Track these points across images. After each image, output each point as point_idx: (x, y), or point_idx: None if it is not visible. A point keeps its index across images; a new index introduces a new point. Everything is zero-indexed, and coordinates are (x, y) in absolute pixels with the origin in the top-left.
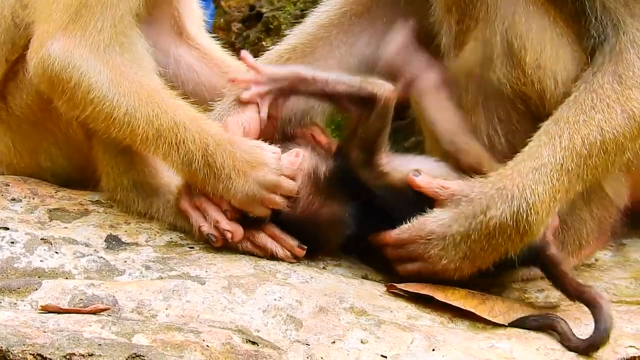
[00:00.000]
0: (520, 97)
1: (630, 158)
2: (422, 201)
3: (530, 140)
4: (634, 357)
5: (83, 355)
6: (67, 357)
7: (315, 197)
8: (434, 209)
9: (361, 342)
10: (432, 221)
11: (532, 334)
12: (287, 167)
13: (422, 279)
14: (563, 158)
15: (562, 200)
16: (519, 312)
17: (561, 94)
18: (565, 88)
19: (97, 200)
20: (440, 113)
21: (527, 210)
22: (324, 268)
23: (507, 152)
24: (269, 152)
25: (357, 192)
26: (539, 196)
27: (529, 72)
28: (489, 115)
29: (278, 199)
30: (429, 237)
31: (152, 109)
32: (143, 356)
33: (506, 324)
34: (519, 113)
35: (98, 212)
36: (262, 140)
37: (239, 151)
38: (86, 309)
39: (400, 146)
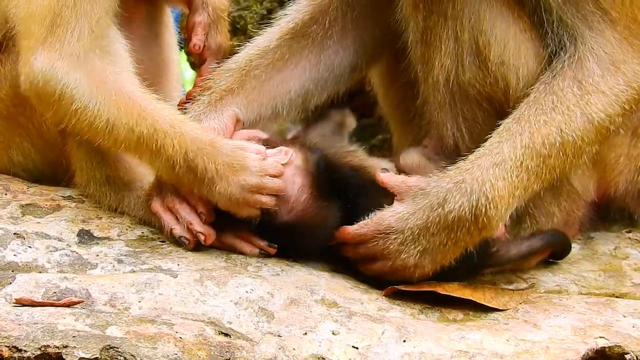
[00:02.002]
0: (486, 97)
1: (585, 162)
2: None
3: (490, 137)
4: (604, 348)
5: (57, 347)
6: (42, 349)
7: (313, 194)
8: (393, 204)
9: (332, 333)
10: (389, 215)
11: (502, 325)
12: (271, 166)
13: (385, 278)
14: (523, 156)
15: (520, 198)
16: (506, 297)
17: (523, 90)
18: (526, 84)
19: (69, 196)
20: None
21: (486, 205)
22: (294, 261)
23: (470, 150)
24: (252, 153)
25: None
26: (498, 191)
27: (493, 69)
28: (455, 113)
29: (264, 199)
30: (387, 232)
31: (132, 117)
32: (117, 348)
33: (502, 308)
34: (485, 113)
35: (70, 207)
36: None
37: (221, 155)
38: (60, 302)
39: (367, 143)
